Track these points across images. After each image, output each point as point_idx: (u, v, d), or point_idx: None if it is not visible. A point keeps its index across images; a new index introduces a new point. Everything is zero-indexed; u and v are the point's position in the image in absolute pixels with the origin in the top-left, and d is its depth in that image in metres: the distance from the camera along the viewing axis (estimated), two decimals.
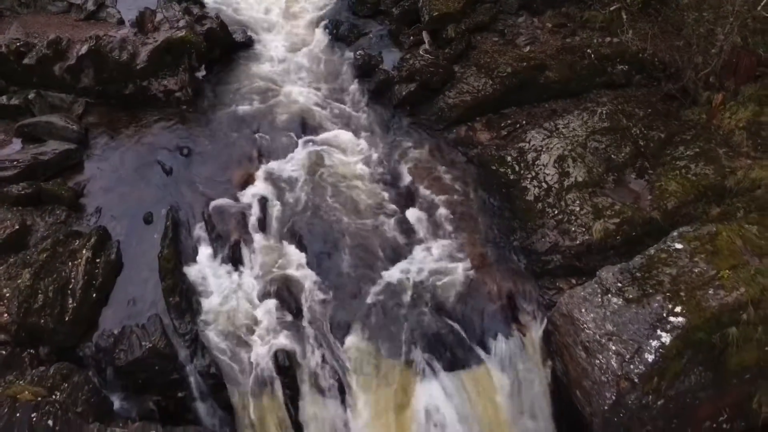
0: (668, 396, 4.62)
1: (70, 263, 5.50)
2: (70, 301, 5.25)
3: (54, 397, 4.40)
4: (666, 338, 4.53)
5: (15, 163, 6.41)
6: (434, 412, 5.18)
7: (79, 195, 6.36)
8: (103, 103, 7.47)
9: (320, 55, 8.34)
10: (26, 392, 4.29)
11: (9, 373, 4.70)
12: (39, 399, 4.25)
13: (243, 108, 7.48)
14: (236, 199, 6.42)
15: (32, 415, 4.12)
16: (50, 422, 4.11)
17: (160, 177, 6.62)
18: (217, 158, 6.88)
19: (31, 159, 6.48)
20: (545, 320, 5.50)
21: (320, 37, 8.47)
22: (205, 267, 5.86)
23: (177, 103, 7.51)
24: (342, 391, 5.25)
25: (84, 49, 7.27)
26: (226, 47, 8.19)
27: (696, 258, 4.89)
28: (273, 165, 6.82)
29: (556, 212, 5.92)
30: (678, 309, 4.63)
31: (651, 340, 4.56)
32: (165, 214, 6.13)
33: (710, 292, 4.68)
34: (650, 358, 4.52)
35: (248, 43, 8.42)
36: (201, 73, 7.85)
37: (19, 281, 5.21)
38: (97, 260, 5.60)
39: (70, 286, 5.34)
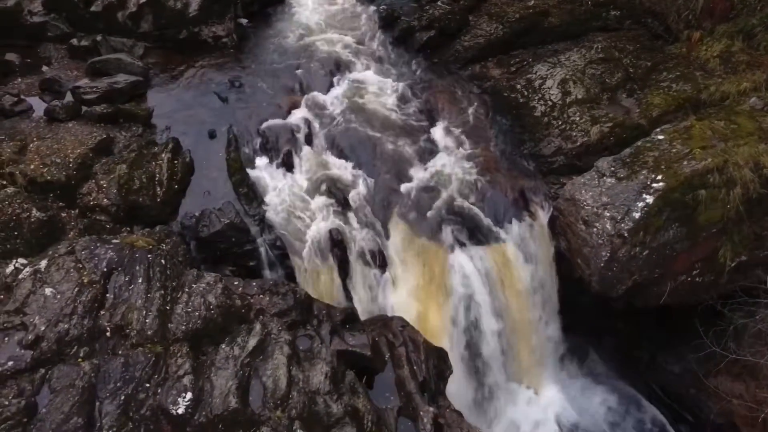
0: (651, 247, 5.95)
1: (153, 162, 6.76)
2: (158, 189, 6.51)
3: (162, 246, 5.65)
4: (649, 199, 5.87)
5: (94, 89, 7.65)
6: (463, 276, 6.46)
7: (151, 115, 7.60)
8: (161, 46, 8.71)
9: (348, 9, 9.69)
10: (140, 241, 5.55)
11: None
12: (151, 246, 5.49)
13: (283, 51, 8.80)
14: (285, 120, 7.68)
15: (148, 256, 5.35)
16: (163, 261, 5.32)
17: (218, 103, 7.89)
18: (265, 90, 8.17)
19: (107, 86, 7.70)
20: (551, 208, 6.82)
21: None
22: (263, 170, 7.13)
23: (224, 47, 8.79)
24: (384, 262, 6.53)
25: None
26: (264, 2, 9.50)
27: (674, 143, 6.26)
28: (314, 95, 8.12)
29: (560, 123, 7.27)
30: (659, 177, 5.98)
31: (638, 202, 5.90)
32: (226, 131, 7.39)
33: (684, 163, 6.03)
34: (637, 215, 5.86)
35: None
36: (244, 22, 9.12)
37: (116, 172, 6.46)
38: (175, 161, 6.87)
39: (157, 178, 6.61)
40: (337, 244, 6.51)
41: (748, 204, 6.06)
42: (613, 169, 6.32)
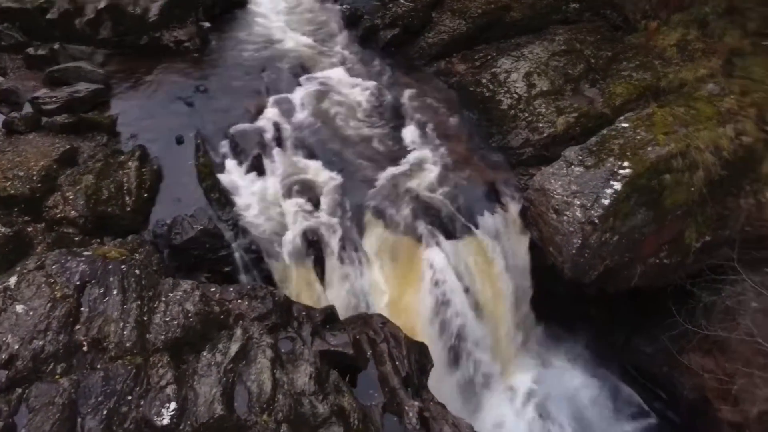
0: (621, 232, 6.12)
1: (120, 171, 6.67)
2: (127, 198, 6.42)
3: (135, 256, 5.58)
4: (617, 186, 6.04)
5: (54, 99, 7.48)
6: (439, 270, 6.53)
7: (115, 124, 7.47)
8: (121, 53, 8.58)
9: (311, 9, 9.70)
10: (113, 252, 5.45)
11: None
12: (124, 257, 5.41)
13: (247, 54, 8.74)
14: (253, 123, 7.64)
15: (122, 267, 5.26)
16: (137, 271, 5.24)
17: (184, 109, 7.81)
18: (231, 93, 8.11)
19: (67, 96, 7.54)
20: (522, 199, 6.94)
21: None
22: (234, 175, 7.09)
23: (187, 52, 8.71)
24: (360, 260, 6.56)
25: (102, 3, 8.39)
26: (226, 5, 9.44)
27: (638, 130, 6.45)
28: (281, 97, 8.09)
29: (526, 115, 7.40)
30: (625, 164, 6.15)
31: (606, 189, 6.06)
32: (193, 136, 7.32)
33: (649, 149, 6.22)
34: (606, 202, 6.01)
35: (244, 2, 9.67)
36: (206, 25, 9.04)
37: (82, 183, 6.34)
38: (143, 169, 6.78)
39: (125, 187, 6.51)
40: (312, 244, 6.52)
41: (711, 186, 6.29)
42: (580, 158, 6.47)
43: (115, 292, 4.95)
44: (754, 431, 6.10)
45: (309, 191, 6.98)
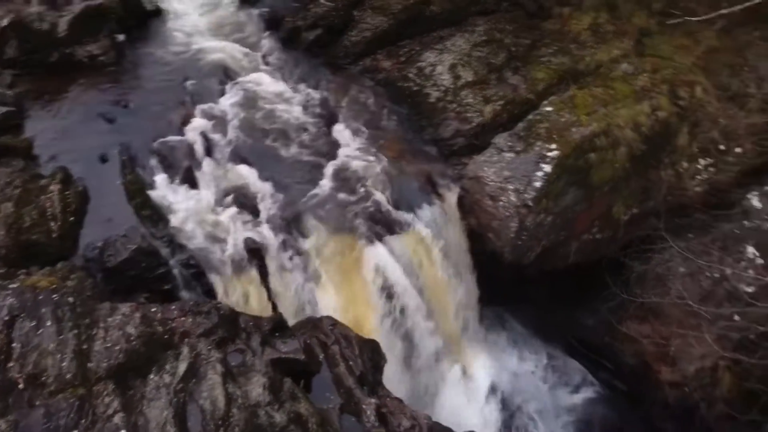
0: (555, 212, 6.36)
1: (42, 196, 6.33)
2: (52, 224, 6.12)
3: (67, 284, 5.34)
4: (547, 168, 6.27)
5: None
6: (383, 268, 6.58)
7: (31, 147, 7.10)
8: (30, 72, 8.13)
9: (229, 15, 9.51)
10: (42, 281, 5.21)
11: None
12: (55, 285, 5.18)
13: (168, 64, 8.49)
14: (180, 135, 7.44)
15: (53, 297, 5.04)
16: (70, 299, 5.04)
17: (105, 126, 7.51)
18: (154, 106, 7.87)
19: None
20: (458, 189, 7.09)
21: (227, 0, 9.60)
22: (165, 190, 6.87)
23: (103, 67, 8.36)
24: (304, 264, 6.52)
25: (5, 20, 7.95)
26: (139, 16, 9.13)
27: (561, 112, 6.70)
28: (207, 106, 7.90)
29: (455, 106, 7.56)
30: (553, 146, 6.38)
31: (537, 172, 6.28)
32: (118, 153, 7.06)
33: (573, 130, 6.48)
34: (538, 184, 6.23)
35: (158, 12, 9.39)
36: (121, 38, 8.72)
37: (1, 213, 6.00)
38: (67, 192, 6.46)
39: (49, 213, 6.20)
40: (254, 253, 6.42)
41: (633, 161, 6.62)
42: (510, 144, 6.66)
43: (48, 323, 4.73)
44: (692, 388, 6.48)
45: (245, 200, 6.87)
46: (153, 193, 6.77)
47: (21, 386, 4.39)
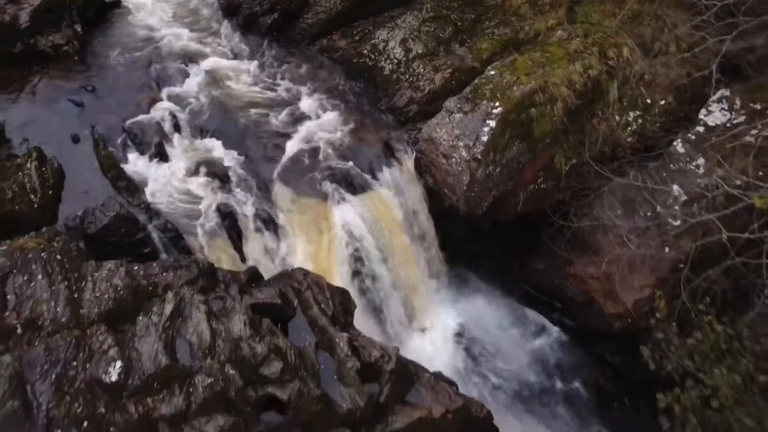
0: (502, 164, 7.02)
1: (20, 173, 6.67)
2: (33, 196, 6.49)
3: (53, 245, 5.72)
4: (492, 123, 6.92)
5: None
6: (349, 224, 7.14)
7: (3, 132, 7.40)
8: None
9: (187, 3, 9.92)
10: (30, 243, 5.58)
11: None
12: (42, 245, 5.56)
13: (131, 51, 8.86)
14: (148, 114, 7.85)
15: (42, 254, 5.41)
16: (59, 257, 5.42)
17: (74, 109, 7.85)
18: (121, 90, 8.24)
19: None
20: (414, 152, 7.70)
21: None
22: (138, 164, 7.29)
23: (68, 56, 8.68)
24: (275, 226, 7.03)
25: None
26: (99, 6, 9.47)
27: (504, 75, 7.37)
28: (172, 88, 8.31)
29: (407, 77, 8.17)
30: (497, 104, 7.05)
31: (483, 128, 6.92)
32: (89, 133, 7.44)
33: (514, 89, 7.16)
34: (485, 139, 6.88)
35: (117, 3, 9.74)
36: (81, 28, 9.04)
37: None
38: (43, 168, 6.82)
39: (28, 187, 6.55)
40: (226, 217, 6.89)
41: (569, 115, 7.34)
42: (459, 105, 7.30)
43: (39, 276, 5.11)
44: (634, 317, 7.22)
45: (216, 169, 7.32)
46: (127, 167, 7.17)
47: (19, 331, 4.79)
